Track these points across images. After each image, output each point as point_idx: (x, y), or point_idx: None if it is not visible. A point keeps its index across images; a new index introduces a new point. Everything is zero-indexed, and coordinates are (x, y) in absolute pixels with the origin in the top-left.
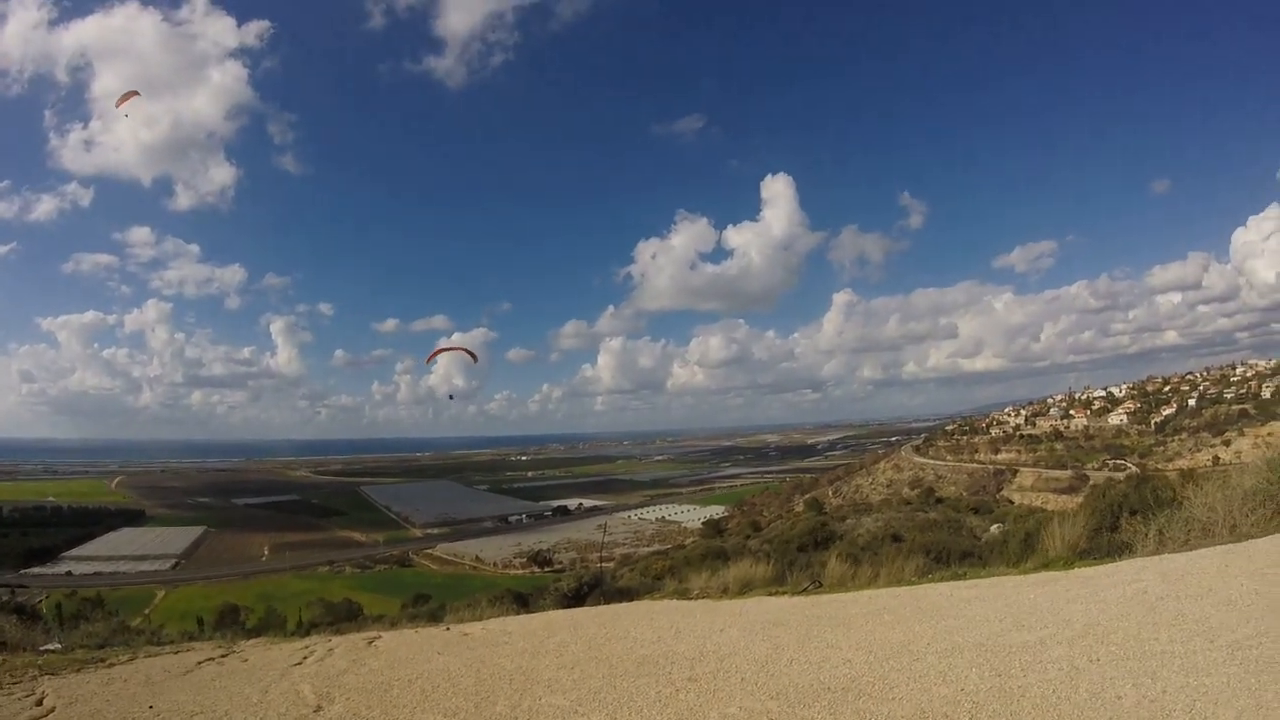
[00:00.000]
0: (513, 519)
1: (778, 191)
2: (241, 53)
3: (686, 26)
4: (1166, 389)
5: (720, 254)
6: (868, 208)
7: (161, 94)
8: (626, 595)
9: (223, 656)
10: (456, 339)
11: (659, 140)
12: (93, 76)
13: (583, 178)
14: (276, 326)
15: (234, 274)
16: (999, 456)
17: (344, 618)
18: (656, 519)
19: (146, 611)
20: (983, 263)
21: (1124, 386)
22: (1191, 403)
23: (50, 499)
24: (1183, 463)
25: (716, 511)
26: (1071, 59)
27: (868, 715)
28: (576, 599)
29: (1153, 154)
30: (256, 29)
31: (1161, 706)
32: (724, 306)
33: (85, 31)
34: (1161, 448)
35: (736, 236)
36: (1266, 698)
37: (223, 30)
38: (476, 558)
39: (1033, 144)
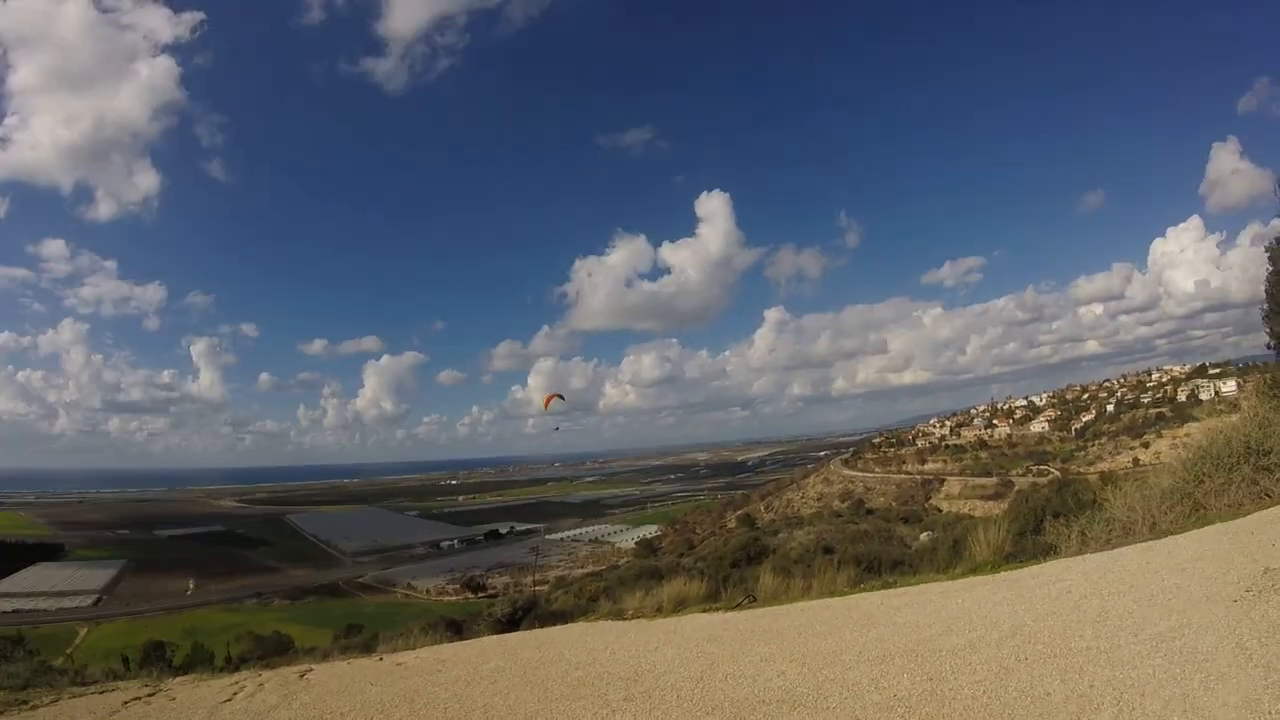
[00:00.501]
0: (444, 544)
1: (714, 209)
2: (173, 47)
3: (643, 34)
4: (1085, 396)
5: (657, 272)
6: (804, 225)
7: (84, 89)
8: (561, 618)
9: (150, 695)
10: (386, 361)
11: (604, 152)
12: (8, 68)
13: (525, 191)
14: (198, 348)
15: (154, 292)
16: (926, 466)
17: (274, 651)
18: (590, 540)
19: (69, 650)
20: (913, 279)
21: (1045, 395)
22: (1110, 408)
23: None
24: (1103, 466)
25: (649, 531)
26: (1003, 69)
27: None
28: (511, 624)
29: (1083, 165)
30: (190, 20)
31: (1089, 700)
32: (659, 326)
33: (3, 16)
34: (1083, 452)
35: (673, 254)
36: (1192, 687)
37: (156, 21)
38: (409, 585)
39: (963, 155)
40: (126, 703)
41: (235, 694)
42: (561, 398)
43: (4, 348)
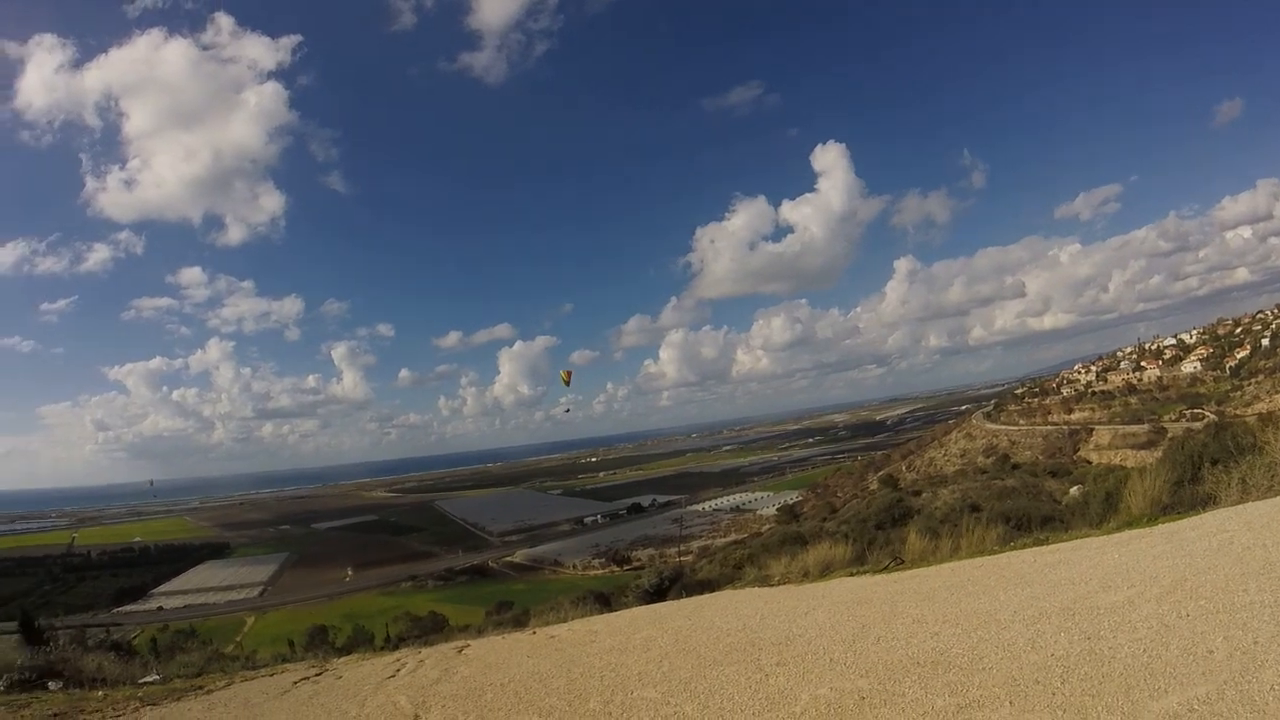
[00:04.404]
0: (588, 520)
1: (831, 161)
2: (276, 72)
3: None
4: (1238, 330)
5: (779, 232)
6: (927, 168)
7: (196, 124)
8: (708, 586)
9: (317, 675)
10: (519, 348)
11: (712, 116)
12: (122, 115)
13: (637, 164)
14: (339, 352)
15: (291, 305)
16: (1072, 416)
17: (431, 630)
18: (731, 509)
19: (238, 639)
20: (1046, 215)
21: (1194, 332)
22: (1265, 342)
23: (137, 539)
24: (1262, 406)
25: (791, 497)
26: None
27: (958, 687)
28: (658, 594)
29: (1216, 72)
30: (288, 44)
31: (1254, 657)
32: (786, 287)
33: (110, 68)
34: (1238, 392)
35: (794, 212)
36: None
37: (256, 50)
38: (555, 561)
39: (1085, 73)
40: (296, 682)
41: (398, 670)
42: (569, 374)
43: (158, 371)
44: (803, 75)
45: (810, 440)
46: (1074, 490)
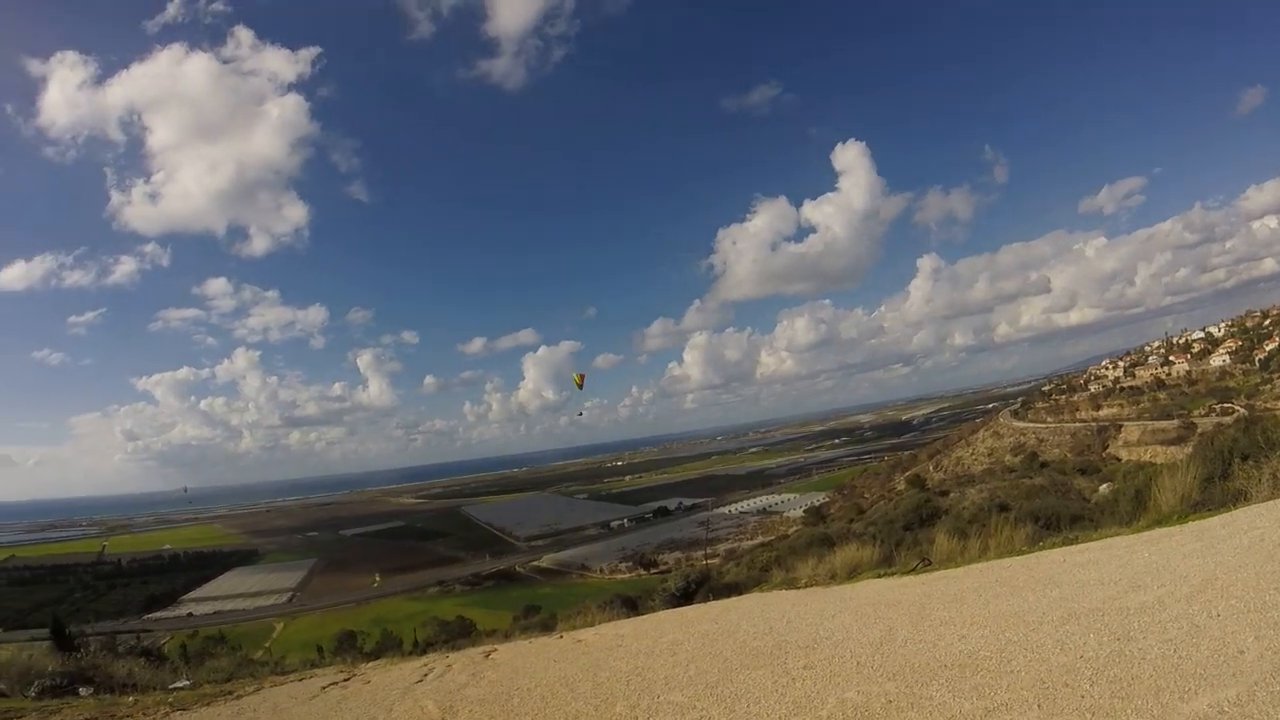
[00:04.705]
0: (614, 524)
1: (852, 159)
2: (296, 84)
3: None
4: (1267, 322)
5: (801, 232)
6: (949, 164)
7: (219, 137)
8: (735, 589)
9: (345, 680)
10: (543, 353)
11: (732, 117)
12: (146, 130)
13: (658, 167)
14: (364, 360)
15: (316, 313)
16: (1101, 413)
17: (458, 634)
18: (758, 511)
19: (267, 644)
20: (1070, 209)
21: (1223, 324)
22: None
23: (167, 547)
24: None
25: (817, 498)
26: None
27: (985, 690)
28: (685, 598)
29: (1238, 58)
30: (308, 56)
31: None
32: (809, 287)
33: (132, 83)
34: (1269, 385)
35: (815, 212)
36: None
37: (277, 62)
38: (582, 565)
39: (1109, 70)
40: (325, 687)
41: (426, 675)
42: (582, 377)
43: (186, 381)
44: (821, 74)
45: (836, 441)
46: (1103, 488)
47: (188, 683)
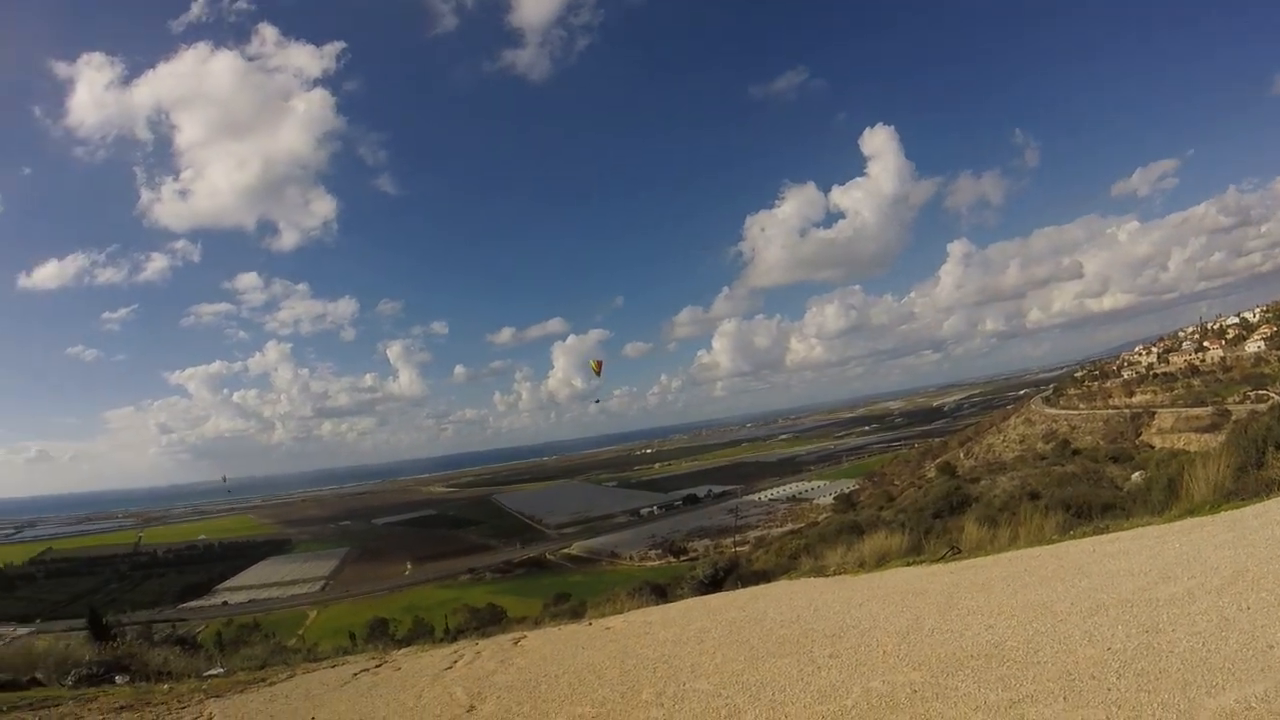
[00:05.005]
0: (644, 512)
1: (881, 144)
2: (322, 79)
3: None
4: None
5: (830, 218)
6: (979, 148)
7: (247, 133)
8: (763, 577)
9: (377, 666)
10: (572, 342)
11: (759, 103)
12: (174, 128)
13: (685, 154)
14: (394, 351)
15: (346, 306)
16: (1134, 399)
17: (489, 621)
18: (787, 498)
19: (300, 632)
20: (1102, 192)
21: (1258, 310)
22: None
23: (202, 537)
24: None
25: (847, 485)
26: None
27: (1011, 681)
28: (713, 585)
29: (1271, 38)
30: (332, 51)
31: None
32: (838, 274)
33: (158, 82)
34: None
35: (844, 197)
36: None
37: (301, 58)
38: (612, 553)
39: (1140, 49)
40: (356, 674)
41: (455, 661)
42: (599, 364)
43: (218, 374)
44: (848, 58)
45: (866, 428)
46: (1136, 476)
47: (221, 670)
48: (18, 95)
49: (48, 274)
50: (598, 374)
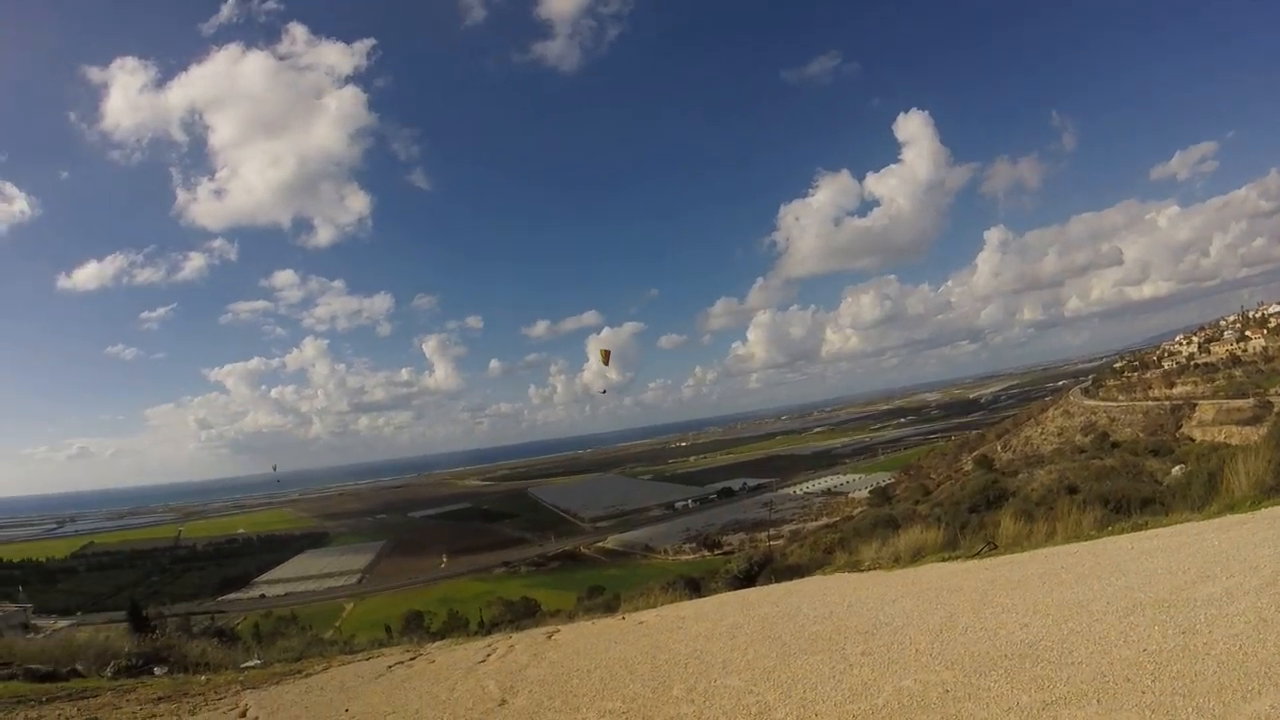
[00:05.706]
0: (679, 505)
1: (915, 130)
2: (353, 76)
3: None
4: None
5: (865, 206)
6: (1015, 133)
7: (280, 132)
8: (797, 572)
9: (411, 659)
10: (607, 335)
11: (791, 89)
12: (208, 129)
13: (718, 144)
14: (430, 346)
15: (382, 301)
16: (1174, 391)
17: (523, 615)
18: (822, 492)
19: (337, 624)
20: (1141, 177)
21: None
22: None
23: (241, 531)
24: None
25: (883, 479)
26: None
27: (1045, 682)
28: (747, 579)
29: None
30: (362, 48)
31: None
32: (874, 263)
33: (191, 84)
34: None
35: (879, 185)
36: None
37: (332, 56)
38: (647, 546)
39: (1177, 29)
40: (391, 666)
41: (489, 655)
42: (608, 353)
43: (257, 371)
44: (882, 42)
45: (902, 420)
46: (1176, 470)
47: (258, 662)
48: (53, 100)
49: (87, 275)
50: (605, 363)
